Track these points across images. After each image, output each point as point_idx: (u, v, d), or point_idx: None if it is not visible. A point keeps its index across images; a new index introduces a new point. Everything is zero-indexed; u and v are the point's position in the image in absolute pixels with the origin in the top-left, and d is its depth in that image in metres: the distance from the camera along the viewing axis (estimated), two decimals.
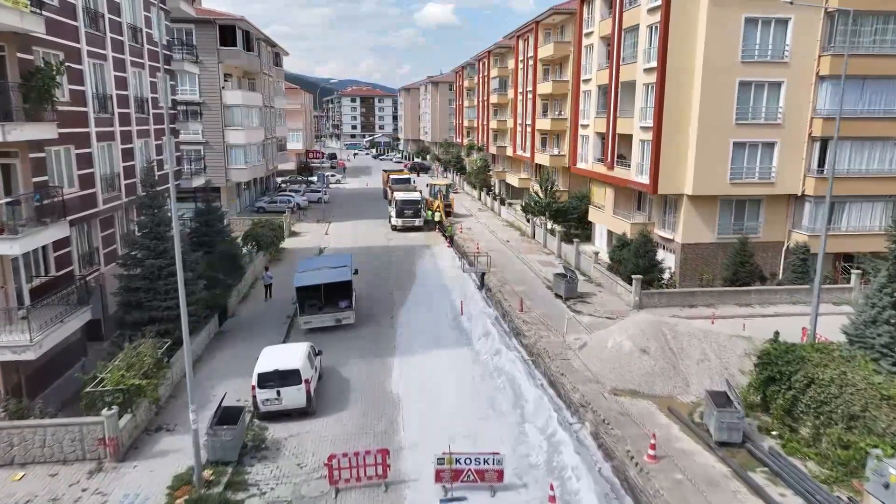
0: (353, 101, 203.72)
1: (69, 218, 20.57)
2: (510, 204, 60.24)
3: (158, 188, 28.59)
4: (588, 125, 42.52)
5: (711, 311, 27.93)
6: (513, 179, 65.49)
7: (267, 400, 17.66)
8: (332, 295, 25.81)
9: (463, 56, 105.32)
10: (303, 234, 47.10)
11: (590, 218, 43.50)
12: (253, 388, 17.71)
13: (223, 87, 48.12)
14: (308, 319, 24.99)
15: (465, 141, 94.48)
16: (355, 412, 18.57)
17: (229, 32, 47.97)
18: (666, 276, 30.44)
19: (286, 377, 17.62)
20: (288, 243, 43.18)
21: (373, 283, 33.11)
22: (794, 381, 16.33)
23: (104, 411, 15.05)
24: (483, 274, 34.41)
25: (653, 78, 32.44)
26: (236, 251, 26.87)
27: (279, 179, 79.65)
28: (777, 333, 18.83)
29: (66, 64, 20.88)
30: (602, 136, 40.84)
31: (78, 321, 20.05)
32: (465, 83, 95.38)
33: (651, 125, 32.64)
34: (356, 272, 29.02)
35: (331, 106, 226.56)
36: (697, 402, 18.93)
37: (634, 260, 29.51)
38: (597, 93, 41.07)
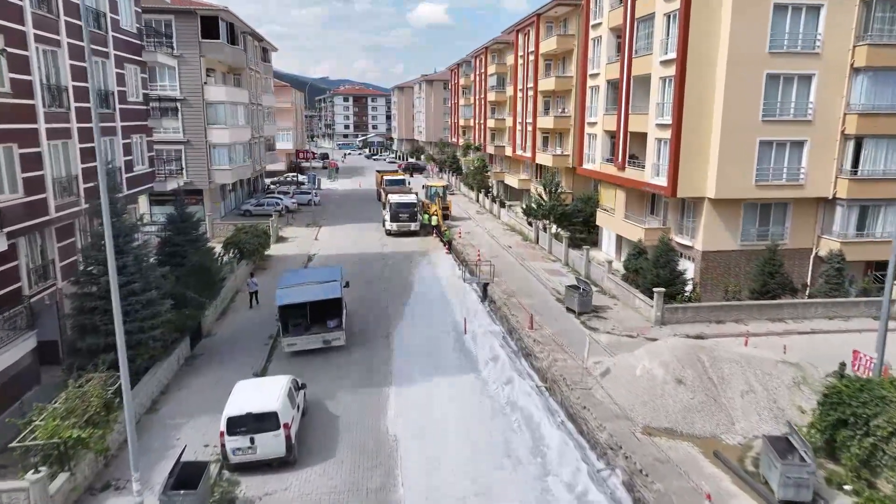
0: (346, 100, 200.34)
1: (9, 229, 17.60)
2: (510, 206, 57.46)
3: (131, 191, 25.74)
4: (596, 123, 39.78)
5: (742, 327, 25.23)
6: (512, 180, 62.74)
7: (238, 449, 14.71)
8: (319, 313, 22.88)
9: (456, 56, 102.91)
10: (291, 240, 44.10)
11: (598, 222, 40.76)
12: (222, 434, 14.76)
13: (205, 83, 45.05)
14: (292, 341, 22.03)
15: (462, 140, 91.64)
16: (345, 461, 15.57)
17: (212, 24, 44.90)
18: (689, 288, 27.64)
19: (262, 421, 14.68)
20: (275, 250, 40.19)
21: (366, 296, 30.19)
22: (873, 427, 13.58)
23: (29, 475, 12.07)
24: (486, 284, 31.61)
25: (671, 71, 29.71)
26: (210, 264, 23.78)
27: (268, 181, 76.58)
28: (843, 365, 16.12)
29: (6, 49, 17.89)
30: (612, 135, 38.12)
31: (17, 350, 17.10)
32: (461, 81, 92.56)
33: (669, 122, 29.92)
34: (347, 285, 26.12)
35: (323, 105, 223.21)
36: (747, 443, 16.18)
37: (654, 270, 26.74)
38: (606, 88, 38.33)
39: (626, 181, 35.25)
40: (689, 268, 30.65)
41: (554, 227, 43.04)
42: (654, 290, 25.32)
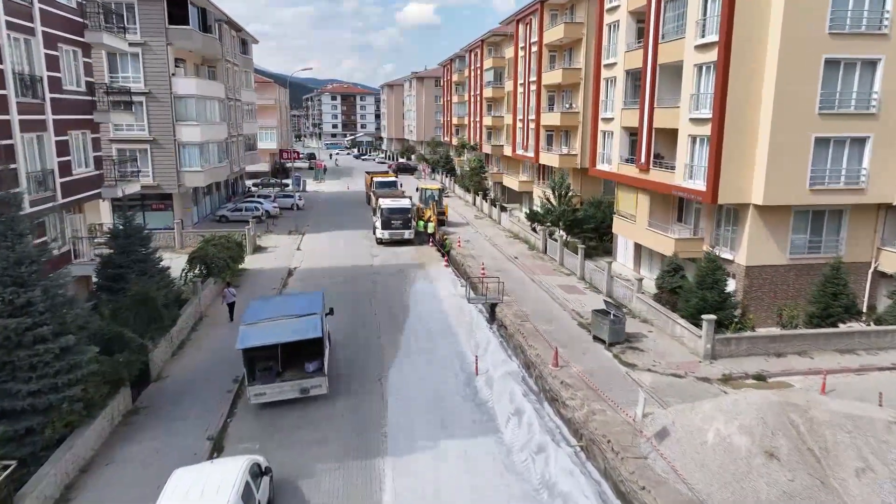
0: (334, 98, 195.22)
1: None
2: (510, 210, 53.07)
3: (67, 199, 20.98)
4: (612, 119, 35.42)
5: (806, 361, 20.96)
6: (511, 182, 58.30)
7: None
8: (295, 353, 18.27)
9: (445, 55, 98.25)
10: (270, 250, 39.36)
11: (614, 230, 36.42)
12: None
13: (173, 74, 40.20)
14: (260, 391, 17.38)
15: (455, 140, 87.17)
16: None
17: (180, 8, 40.04)
18: (737, 312, 23.29)
19: None
20: (251, 262, 35.47)
21: (354, 322, 25.59)
22: None
23: None
24: (494, 305, 27.18)
25: (709, 56, 25.42)
26: (155, 293, 18.88)
27: (249, 182, 71.67)
28: None
29: None
30: (632, 132, 33.81)
31: None
32: (454, 77, 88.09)
33: (708, 116, 25.63)
34: (331, 312, 21.58)
35: (310, 104, 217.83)
36: None
37: (699, 292, 22.39)
38: (625, 79, 33.96)
39: (650, 184, 30.93)
40: (728, 285, 26.37)
41: (562, 234, 38.74)
42: (704, 317, 20.94)
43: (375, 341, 23.46)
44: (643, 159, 31.47)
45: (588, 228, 38.46)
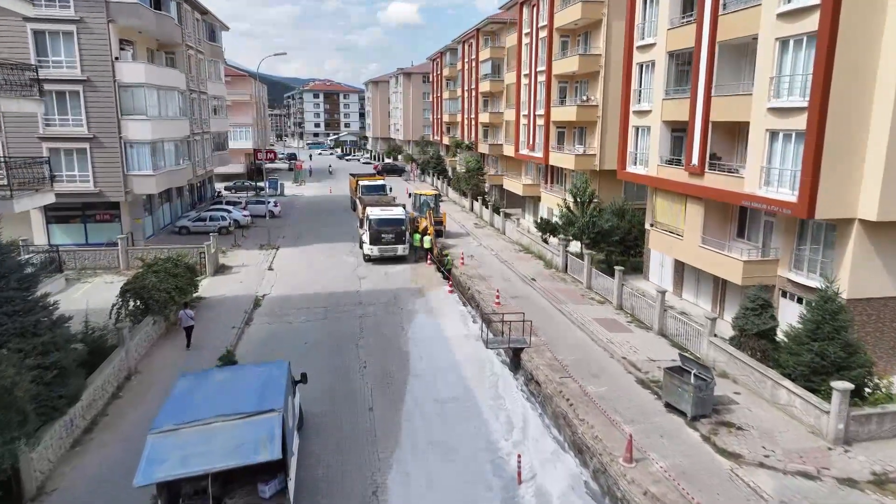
0: (316, 96, 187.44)
1: None
2: (515, 218, 46.87)
3: None
4: (649, 111, 29.30)
5: None
6: (513, 185, 52.01)
7: None
8: (244, 469, 11.74)
9: (428, 54, 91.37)
10: (235, 271, 32.64)
11: (650, 246, 30.32)
12: None
13: (117, 58, 33.32)
14: None
15: (446, 139, 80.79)
16: None
17: None
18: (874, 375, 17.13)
19: None
20: (210, 287, 28.78)
21: (335, 385, 19.03)
22: None
23: None
24: (519, 350, 20.92)
25: (802, 25, 19.41)
26: (11, 379, 11.91)
27: (221, 186, 64.72)
28: None
29: None
30: (676, 127, 27.81)
31: None
32: (445, 72, 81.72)
33: (800, 105, 19.59)
34: (303, 379, 15.16)
35: (292, 102, 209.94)
36: None
37: (814, 344, 16.24)
38: (666, 63, 27.84)
39: (705, 191, 24.86)
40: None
41: (580, 247, 32.57)
42: (835, 386, 14.78)
43: (365, 420, 16.75)
44: (695, 160, 25.40)
45: (614, 241, 32.40)
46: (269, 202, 44.97)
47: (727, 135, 25.14)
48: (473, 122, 66.70)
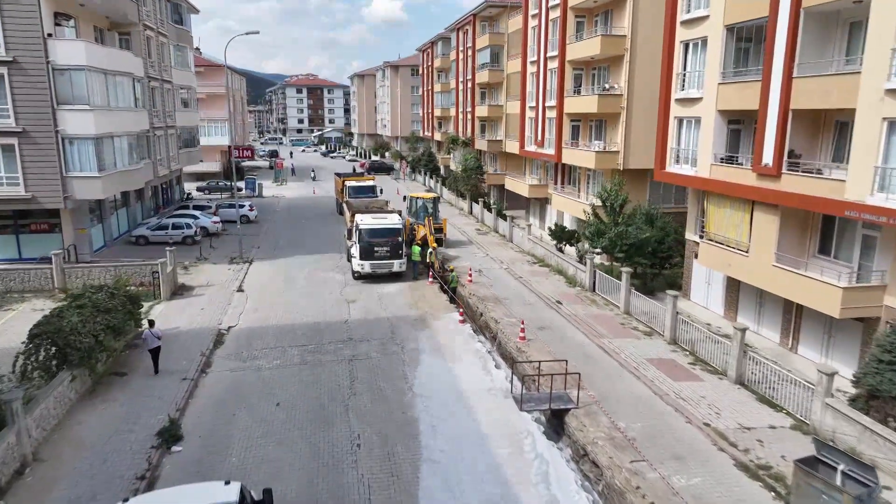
0: (299, 91, 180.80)
1: None
2: (519, 223, 41.60)
3: None
4: (699, 99, 24.15)
5: None
6: (517, 186, 46.67)
7: None
8: None
9: (412, 51, 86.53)
10: (198, 292, 26.94)
11: (700, 261, 25.16)
12: None
13: (50, 35, 27.47)
14: None
15: (438, 134, 75.33)
16: None
17: None
18: None
19: None
20: (165, 316, 23.09)
21: (316, 475, 13.57)
22: None
23: None
24: (563, 412, 15.67)
25: None
26: None
27: (192, 187, 58.77)
28: None
29: None
30: (733, 118, 22.77)
31: None
32: (437, 63, 76.11)
33: None
34: (266, 499, 9.83)
35: (274, 98, 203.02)
36: None
37: None
38: (723, 40, 22.68)
39: (783, 197, 19.76)
40: None
41: (595, 255, 27.43)
42: None
43: None
44: (768, 159, 20.28)
45: (647, 253, 27.34)
46: (242, 205, 39.19)
47: (809, 127, 20.09)
48: (469, 117, 61.29)
